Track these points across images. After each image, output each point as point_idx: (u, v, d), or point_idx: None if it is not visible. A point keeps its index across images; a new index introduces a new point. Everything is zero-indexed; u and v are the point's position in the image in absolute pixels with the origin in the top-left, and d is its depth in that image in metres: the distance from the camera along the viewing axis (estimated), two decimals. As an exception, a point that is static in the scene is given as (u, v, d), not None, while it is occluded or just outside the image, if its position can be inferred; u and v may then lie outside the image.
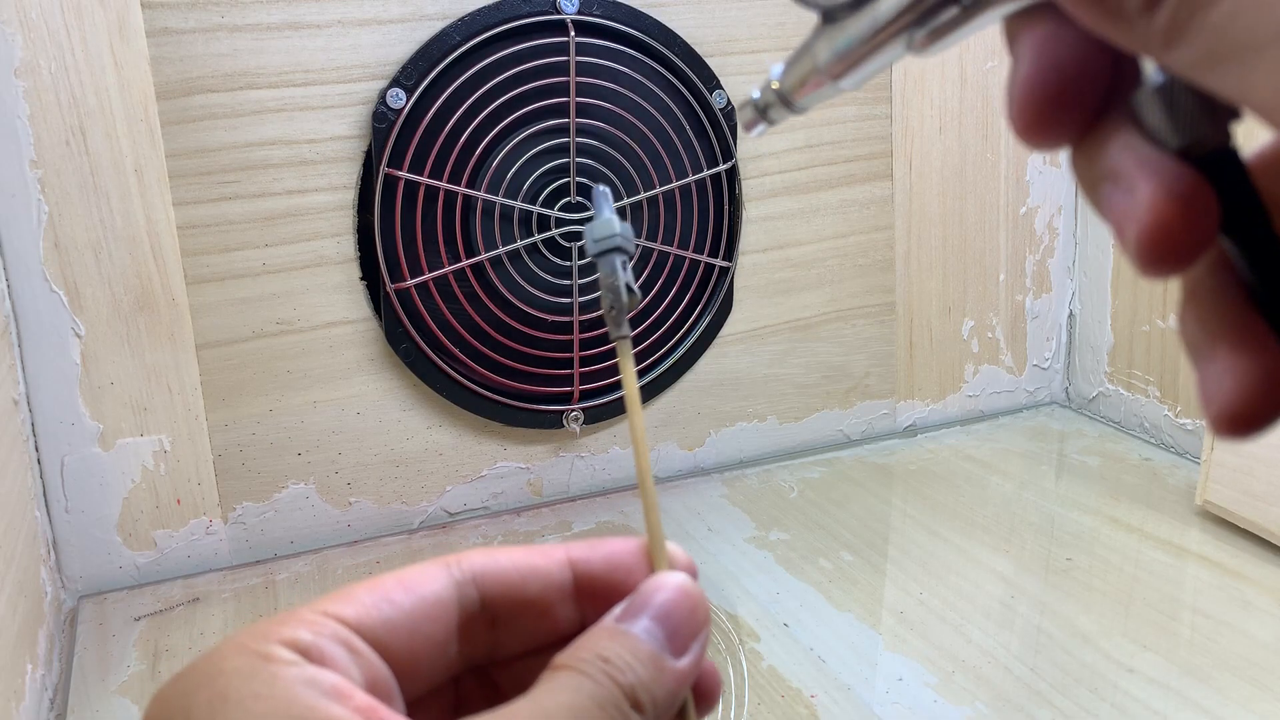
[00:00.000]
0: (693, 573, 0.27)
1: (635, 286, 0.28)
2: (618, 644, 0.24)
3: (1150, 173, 0.18)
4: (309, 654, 0.22)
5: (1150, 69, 0.19)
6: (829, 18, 0.23)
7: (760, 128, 0.26)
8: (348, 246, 0.81)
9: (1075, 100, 0.19)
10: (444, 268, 0.81)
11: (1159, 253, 0.18)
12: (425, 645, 0.24)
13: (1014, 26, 0.20)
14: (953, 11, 0.20)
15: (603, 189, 0.30)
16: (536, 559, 0.26)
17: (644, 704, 0.23)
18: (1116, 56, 0.19)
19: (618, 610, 0.25)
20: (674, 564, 0.27)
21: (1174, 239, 0.18)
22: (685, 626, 0.25)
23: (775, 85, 0.25)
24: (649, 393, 0.91)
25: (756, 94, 0.26)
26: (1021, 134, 0.20)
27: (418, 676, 0.24)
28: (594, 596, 0.26)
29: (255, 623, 0.23)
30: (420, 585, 0.25)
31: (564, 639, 0.25)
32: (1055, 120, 0.19)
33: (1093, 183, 0.20)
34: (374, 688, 0.23)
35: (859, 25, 0.22)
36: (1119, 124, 0.19)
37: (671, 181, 0.86)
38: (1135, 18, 0.17)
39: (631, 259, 0.29)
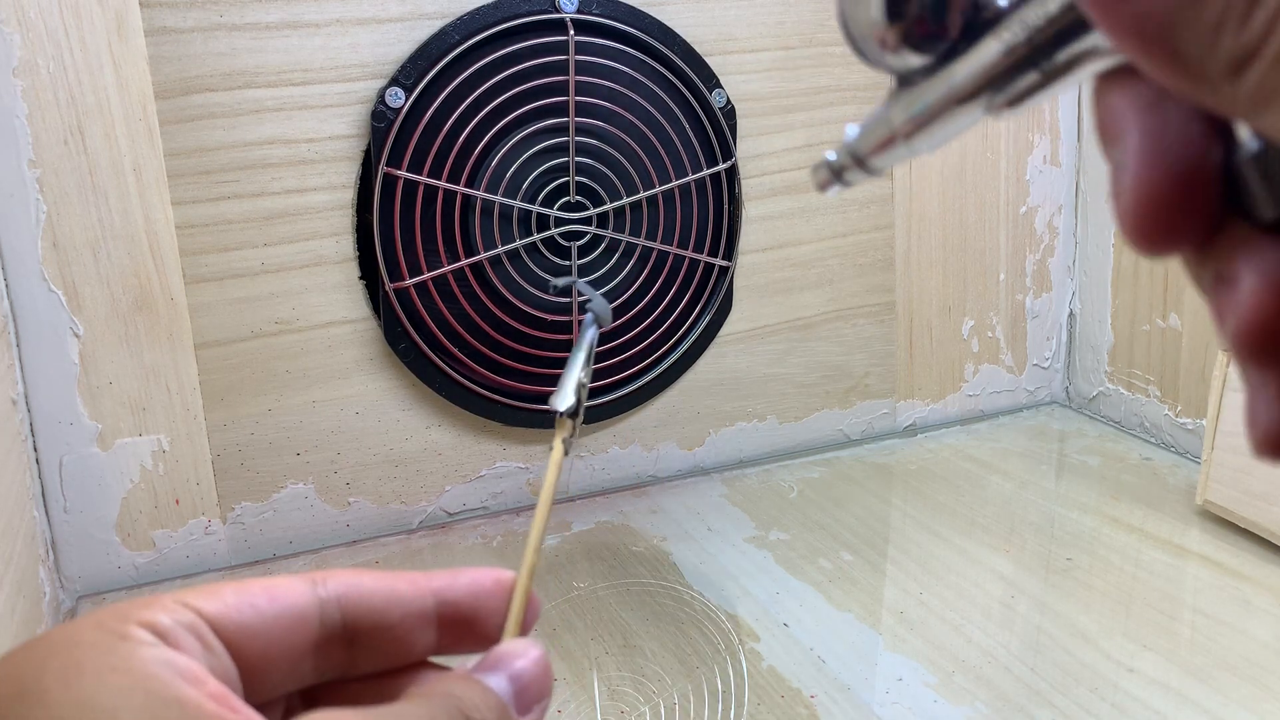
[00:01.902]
0: (535, 613, 0.28)
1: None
2: (470, 689, 0.25)
3: (1252, 262, 0.17)
4: (165, 638, 0.23)
5: (1245, 133, 0.17)
6: (905, 82, 0.22)
7: (834, 189, 0.26)
8: (347, 246, 0.81)
9: (1202, 195, 0.17)
10: (443, 267, 0.81)
11: (1261, 348, 0.17)
12: (279, 655, 0.25)
13: (1112, 96, 0.18)
14: (1032, 78, 0.20)
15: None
16: (403, 586, 0.27)
17: None
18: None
19: (472, 664, 0.26)
20: (530, 613, 0.28)
21: (1276, 334, 0.17)
22: (533, 689, 0.26)
23: (850, 148, 0.25)
24: (649, 392, 0.91)
25: (833, 156, 0.25)
26: (1137, 243, 0.17)
27: (266, 684, 0.25)
28: (455, 624, 0.27)
29: (113, 604, 0.24)
30: (284, 597, 0.25)
31: (418, 662, 0.27)
32: (1183, 223, 0.17)
33: (1196, 272, 0.18)
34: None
35: (935, 91, 0.21)
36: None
37: (671, 181, 0.86)
38: (1220, 83, 0.15)
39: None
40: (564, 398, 0.31)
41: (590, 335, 0.32)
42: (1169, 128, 0.17)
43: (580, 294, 0.32)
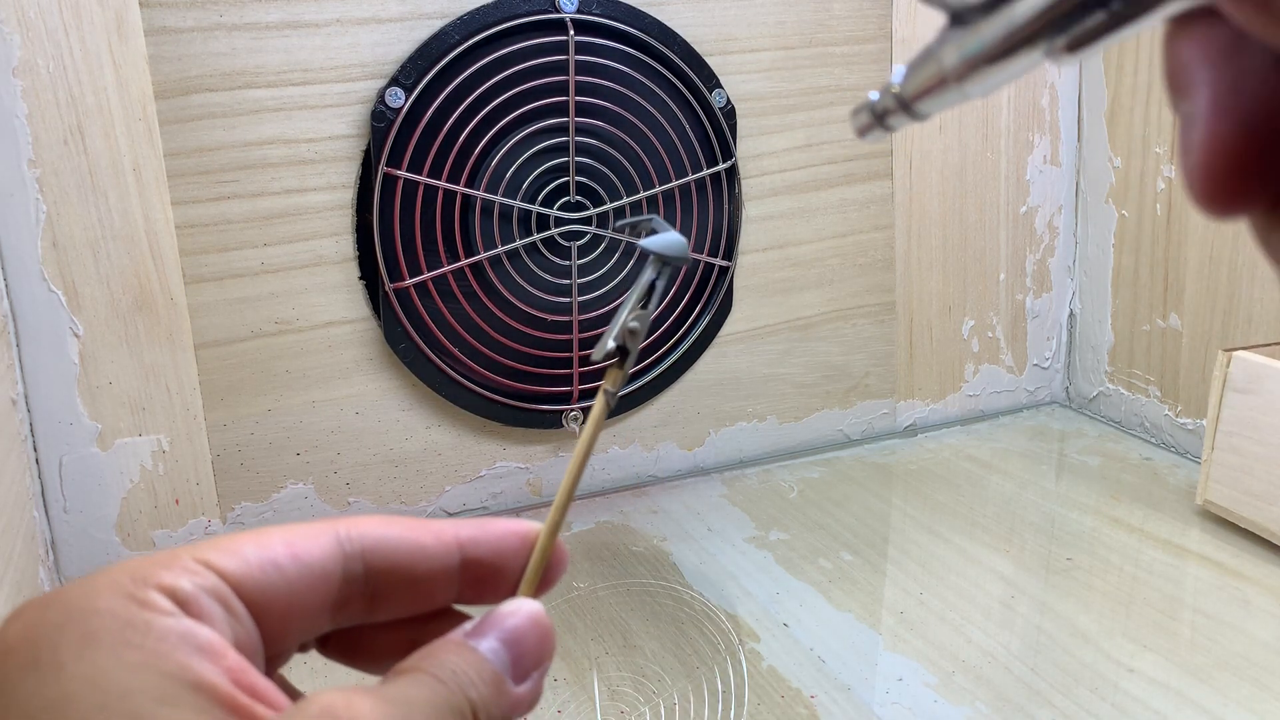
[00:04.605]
0: (562, 566, 0.27)
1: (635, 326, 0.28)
2: (463, 659, 0.24)
3: None
4: (186, 606, 0.22)
5: None
6: (958, 19, 0.21)
7: (875, 134, 0.24)
8: (346, 246, 0.81)
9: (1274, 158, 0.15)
10: (443, 267, 0.81)
11: None
12: (300, 615, 0.24)
13: (1183, 44, 0.16)
14: (1100, 17, 0.18)
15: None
16: (428, 540, 0.26)
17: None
18: None
19: (468, 626, 0.25)
20: (554, 563, 0.27)
21: None
22: (531, 655, 0.25)
23: (895, 89, 0.23)
24: (649, 392, 0.91)
25: (875, 96, 0.24)
26: (1205, 204, 0.16)
27: (285, 641, 0.24)
28: (477, 576, 0.27)
29: (134, 560, 0.23)
30: (308, 554, 0.24)
31: (434, 613, 0.26)
32: (1256, 182, 0.16)
33: (1265, 235, 0.17)
34: (240, 649, 0.23)
35: (992, 30, 0.20)
36: None
37: (671, 181, 0.86)
38: None
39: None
40: (601, 344, 0.27)
41: (646, 276, 0.28)
42: (1246, 78, 0.15)
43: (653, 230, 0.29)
